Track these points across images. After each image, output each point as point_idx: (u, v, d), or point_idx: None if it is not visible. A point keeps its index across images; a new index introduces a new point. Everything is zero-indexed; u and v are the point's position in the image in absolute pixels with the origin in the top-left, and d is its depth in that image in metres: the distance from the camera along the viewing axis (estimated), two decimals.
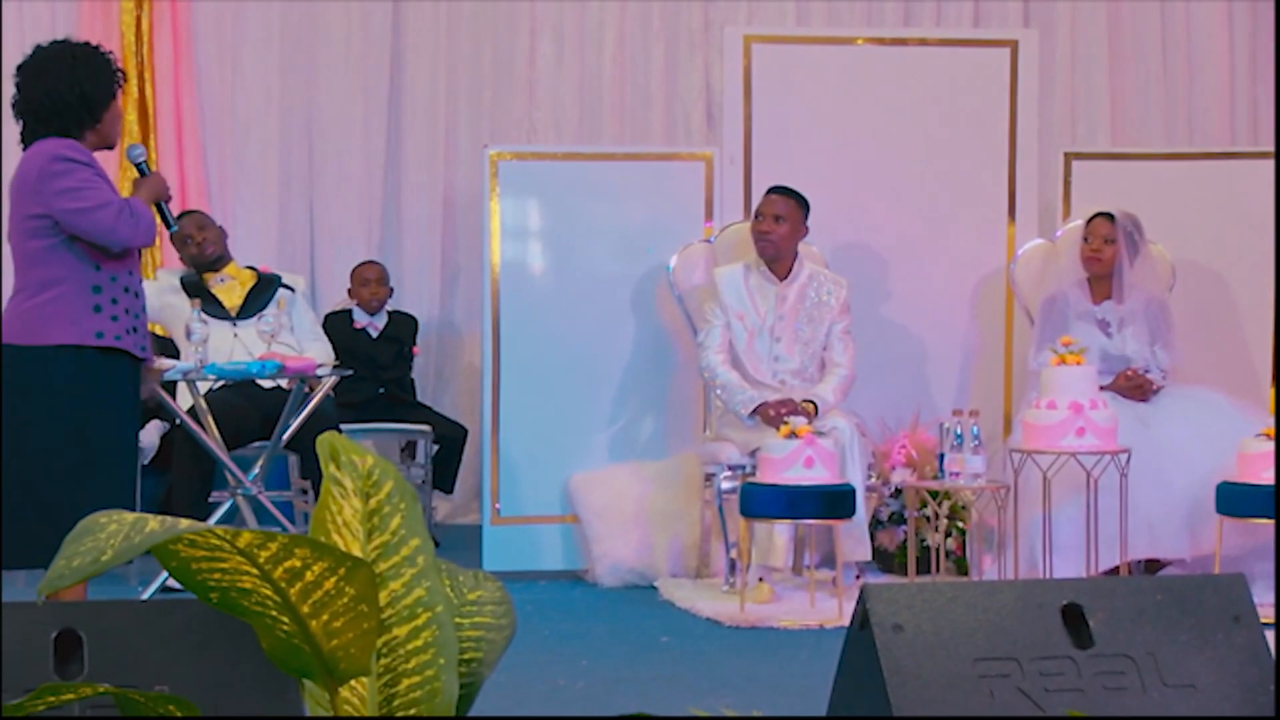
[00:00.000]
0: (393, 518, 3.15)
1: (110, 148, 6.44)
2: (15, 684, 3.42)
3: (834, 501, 8.03)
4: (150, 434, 9.64)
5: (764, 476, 8.08)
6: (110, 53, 6.40)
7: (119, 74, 6.39)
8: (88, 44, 6.40)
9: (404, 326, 10.60)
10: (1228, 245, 9.70)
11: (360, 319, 10.46)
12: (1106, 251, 8.88)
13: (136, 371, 6.40)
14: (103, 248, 6.20)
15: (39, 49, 6.37)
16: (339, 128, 11.35)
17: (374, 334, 10.46)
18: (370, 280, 10.50)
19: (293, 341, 9.25)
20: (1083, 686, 3.95)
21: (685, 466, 9.21)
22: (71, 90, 6.23)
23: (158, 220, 6.45)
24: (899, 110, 9.61)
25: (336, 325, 10.27)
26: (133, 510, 3.53)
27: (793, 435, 8.04)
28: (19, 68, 6.35)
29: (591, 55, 11.62)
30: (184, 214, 9.68)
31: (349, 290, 10.59)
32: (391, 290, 10.63)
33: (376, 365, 10.35)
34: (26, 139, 6.32)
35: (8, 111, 10.65)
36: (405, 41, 11.45)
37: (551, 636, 7.66)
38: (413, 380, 10.73)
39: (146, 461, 9.64)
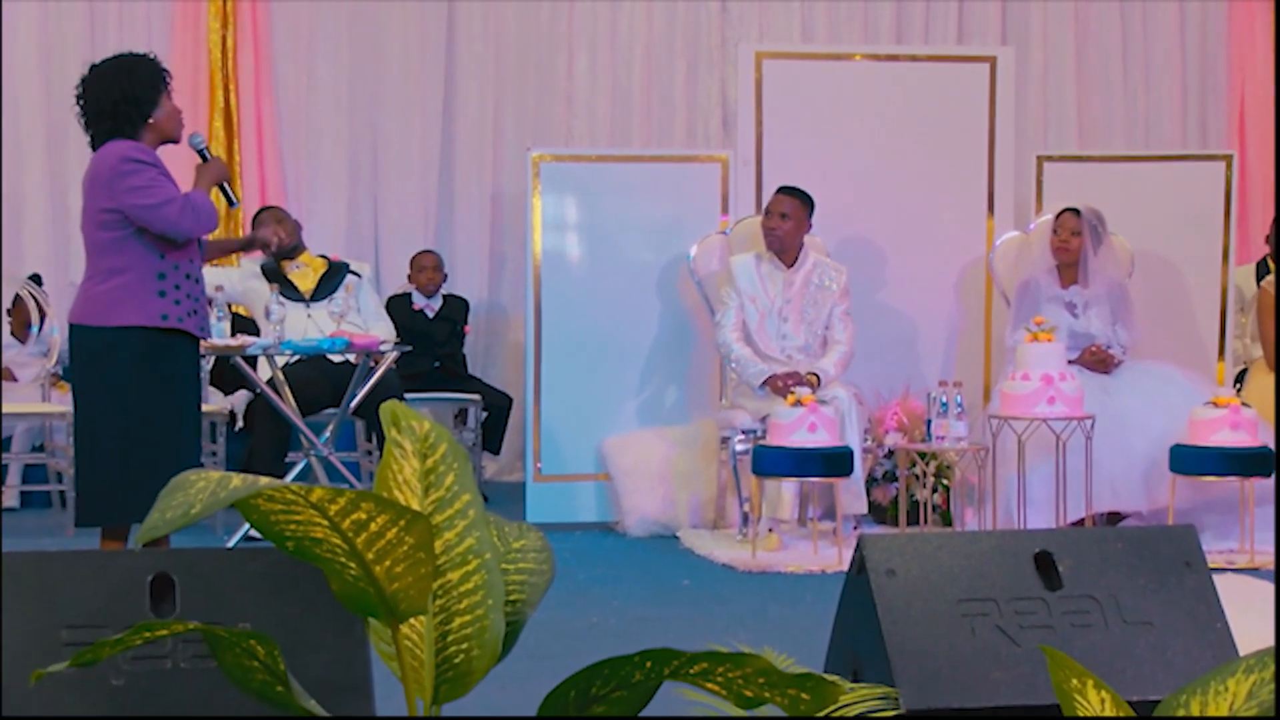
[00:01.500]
0: (447, 476, 3.14)
1: (174, 142, 6.35)
2: (116, 621, 3.42)
3: (834, 462, 8.03)
4: (239, 401, 9.65)
5: (773, 439, 8.07)
6: (155, 58, 6.31)
7: (164, 75, 6.28)
8: (134, 54, 6.31)
9: (457, 308, 10.59)
10: (1180, 237, 9.67)
11: (418, 301, 10.46)
12: (1073, 243, 8.86)
13: (196, 349, 6.37)
14: (169, 239, 6.17)
15: (94, 67, 6.29)
16: (400, 133, 11.35)
17: (430, 315, 10.45)
18: (427, 267, 10.50)
19: (359, 321, 9.26)
20: (1053, 624, 3.94)
21: (704, 431, 9.20)
22: (121, 93, 6.16)
23: (220, 201, 6.38)
24: (892, 118, 9.58)
25: (397, 307, 10.27)
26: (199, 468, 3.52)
27: (798, 404, 8.03)
28: (79, 83, 6.30)
29: (622, 69, 11.60)
30: (263, 209, 9.71)
31: (409, 276, 10.59)
32: (446, 276, 10.63)
33: (433, 342, 10.34)
34: (94, 143, 6.26)
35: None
36: (457, 58, 11.43)
37: (586, 580, 7.65)
38: (464, 355, 10.72)
39: (239, 428, 9.64)
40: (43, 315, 9.56)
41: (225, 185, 6.43)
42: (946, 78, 9.70)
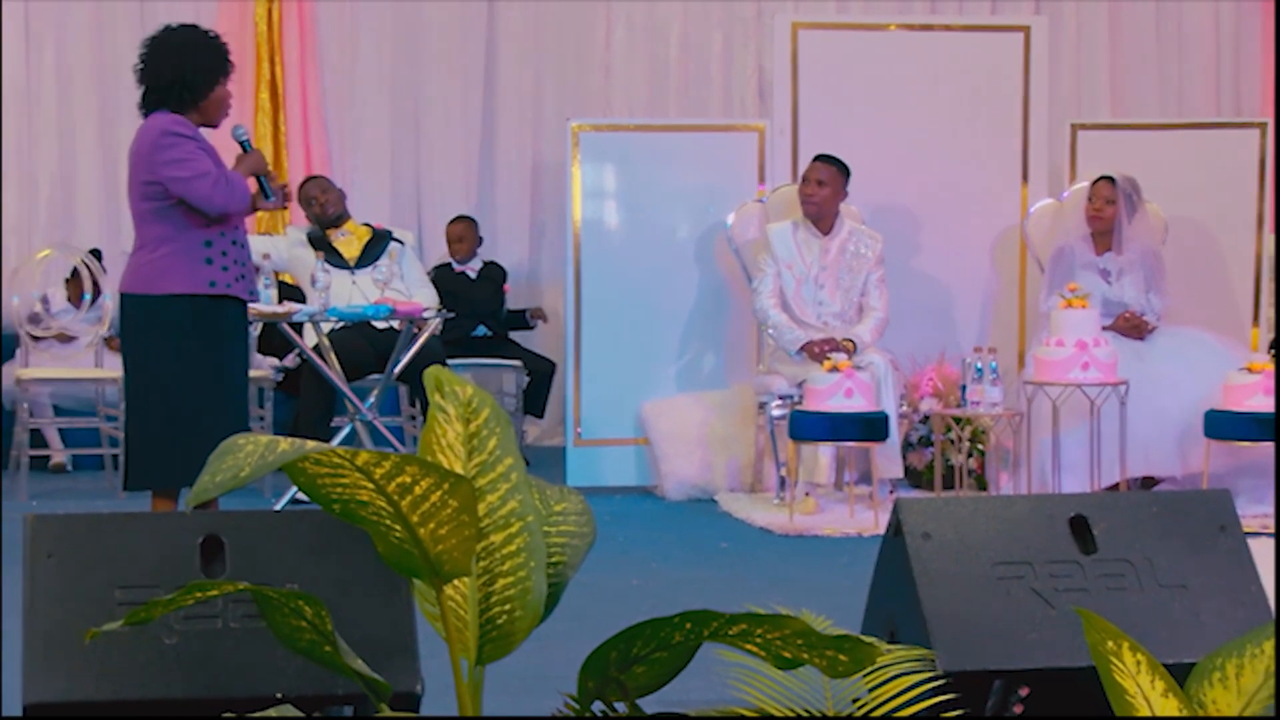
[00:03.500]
0: (489, 440, 3.14)
1: (212, 127, 6.33)
2: (168, 581, 3.44)
3: (871, 426, 8.02)
4: (292, 360, 9.65)
5: (810, 405, 8.06)
6: (225, 45, 6.29)
7: (227, 65, 6.27)
8: (208, 34, 6.30)
9: (496, 271, 10.61)
10: (1214, 204, 9.62)
11: (458, 266, 10.49)
12: (1107, 210, 8.82)
13: (245, 313, 6.38)
14: (202, 212, 6.17)
15: (166, 29, 6.29)
16: (442, 104, 11.36)
17: (472, 275, 10.48)
18: (452, 239, 10.55)
19: (403, 288, 9.27)
20: (1088, 587, 3.93)
21: (741, 396, 9.20)
22: (177, 73, 6.15)
23: (257, 191, 6.39)
24: (926, 87, 9.54)
25: (442, 274, 10.29)
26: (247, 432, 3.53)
27: (835, 369, 8.03)
28: (146, 41, 6.30)
29: (659, 41, 11.59)
30: (309, 179, 9.72)
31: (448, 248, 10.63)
32: (481, 239, 10.64)
33: (476, 304, 10.35)
34: (144, 108, 6.27)
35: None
36: (498, 31, 11.44)
37: (626, 543, 7.66)
38: (507, 313, 10.70)
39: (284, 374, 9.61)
40: (97, 288, 9.59)
41: (263, 178, 6.43)
42: (980, 47, 9.66)
